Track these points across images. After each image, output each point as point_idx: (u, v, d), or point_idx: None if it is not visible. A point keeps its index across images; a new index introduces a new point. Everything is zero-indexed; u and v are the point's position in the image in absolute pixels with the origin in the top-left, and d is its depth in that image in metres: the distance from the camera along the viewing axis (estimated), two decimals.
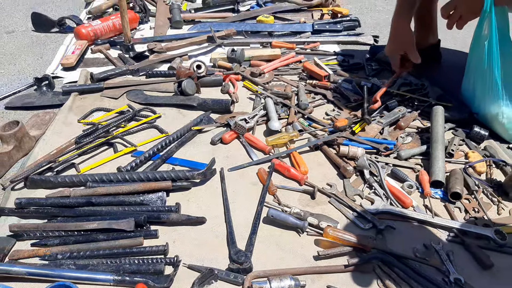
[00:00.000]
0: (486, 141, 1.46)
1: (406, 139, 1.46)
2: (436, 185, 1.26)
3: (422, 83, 1.77)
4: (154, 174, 1.25)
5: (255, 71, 1.84)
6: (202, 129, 1.50)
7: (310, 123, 1.55)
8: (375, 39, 2.19)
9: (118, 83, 1.81)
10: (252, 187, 1.27)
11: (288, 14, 2.47)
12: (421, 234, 1.13)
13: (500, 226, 1.13)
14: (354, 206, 1.19)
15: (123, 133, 1.49)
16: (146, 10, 2.47)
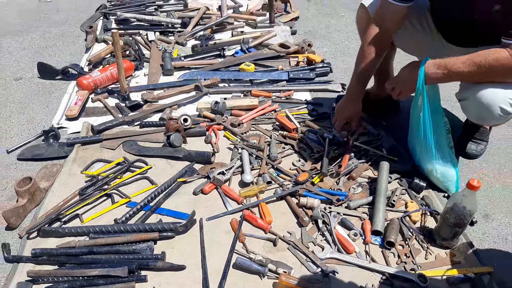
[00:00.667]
0: (425, 191, 1.74)
1: (357, 190, 1.73)
2: (376, 233, 1.53)
3: (378, 132, 2.04)
4: (144, 225, 1.52)
5: (235, 121, 2.12)
6: (186, 180, 1.77)
7: (278, 174, 1.82)
8: (343, 87, 2.47)
9: (115, 134, 2.08)
10: (225, 235, 1.54)
11: (268, 61, 2.75)
12: (360, 277, 1.39)
13: (425, 270, 1.41)
14: (307, 252, 1.46)
15: (119, 184, 1.77)
16: (140, 58, 2.75)
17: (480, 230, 1.60)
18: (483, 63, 1.44)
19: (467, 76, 1.52)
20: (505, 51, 1.41)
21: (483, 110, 1.54)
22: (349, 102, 1.92)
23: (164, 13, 3.51)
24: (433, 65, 1.54)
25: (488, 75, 1.48)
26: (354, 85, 1.90)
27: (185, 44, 3.03)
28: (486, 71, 1.45)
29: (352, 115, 1.91)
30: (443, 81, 1.57)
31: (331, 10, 3.77)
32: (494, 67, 1.43)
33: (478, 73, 1.47)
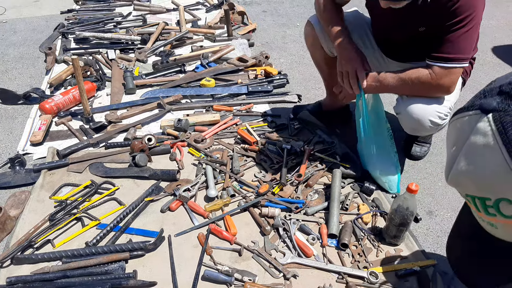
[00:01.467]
0: (375, 193, 1.90)
1: (313, 197, 1.87)
2: (332, 236, 1.67)
3: (332, 140, 2.20)
4: (114, 246, 1.60)
5: (198, 138, 2.22)
6: (153, 199, 1.86)
7: (241, 186, 1.94)
8: (299, 97, 2.61)
9: (81, 157, 2.13)
10: (193, 249, 1.64)
11: (228, 75, 2.86)
12: (318, 278, 1.53)
13: (376, 267, 1.57)
14: (270, 259, 1.59)
15: (88, 207, 1.83)
16: (102, 78, 2.80)
17: (425, 226, 1.77)
18: (407, 80, 1.63)
19: (395, 90, 1.74)
20: (426, 71, 1.60)
21: (415, 123, 1.72)
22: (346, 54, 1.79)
23: (123, 29, 3.56)
24: (370, 78, 1.71)
25: (413, 90, 1.68)
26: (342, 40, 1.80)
27: (146, 61, 3.09)
28: (411, 87, 1.65)
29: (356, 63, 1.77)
30: (378, 92, 1.78)
31: (286, 20, 3.93)
32: (416, 85, 1.63)
33: (404, 87, 1.67)
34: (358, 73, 1.75)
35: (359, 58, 1.75)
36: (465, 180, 0.62)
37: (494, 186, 0.58)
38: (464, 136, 0.60)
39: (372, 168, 1.91)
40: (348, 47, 1.77)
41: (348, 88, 1.81)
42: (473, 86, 2.86)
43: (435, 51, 1.58)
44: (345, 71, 1.78)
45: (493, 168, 0.56)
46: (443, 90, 1.64)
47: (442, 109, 1.69)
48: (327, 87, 2.32)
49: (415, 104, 1.69)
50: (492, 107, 0.58)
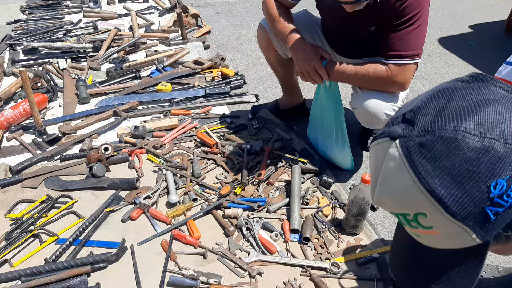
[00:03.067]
0: (334, 185, 1.96)
1: (275, 194, 1.90)
2: (294, 231, 1.71)
3: (290, 138, 2.24)
4: (75, 261, 1.56)
5: (156, 144, 2.20)
6: (113, 209, 1.83)
7: (203, 190, 1.94)
8: (257, 97, 2.64)
9: (35, 172, 2.06)
10: (157, 256, 1.63)
11: (184, 78, 2.85)
12: (282, 273, 1.56)
13: (337, 257, 1.61)
14: (234, 259, 1.60)
15: (45, 223, 1.78)
16: (53, 89, 2.71)
17: (382, 214, 1.84)
18: (365, 74, 1.69)
19: (354, 81, 1.79)
20: (383, 67, 1.67)
21: (371, 117, 1.78)
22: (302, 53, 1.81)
23: (74, 37, 3.46)
24: (331, 67, 1.76)
25: (370, 84, 1.74)
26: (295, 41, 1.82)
27: (99, 68, 3.03)
28: (367, 81, 1.71)
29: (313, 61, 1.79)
30: (338, 81, 1.83)
31: (241, 21, 3.95)
32: (372, 79, 1.69)
33: (362, 80, 1.72)
34: (317, 70, 1.79)
35: (314, 54, 1.78)
36: (385, 200, 0.69)
37: (409, 203, 0.65)
38: (380, 161, 0.67)
39: (324, 149, 2.03)
40: (301, 46, 1.80)
41: (313, 83, 1.86)
42: (422, 77, 3.00)
43: (388, 49, 1.64)
44: (305, 71, 1.82)
45: (405, 188, 0.63)
46: (398, 86, 1.71)
47: (396, 102, 1.76)
48: (283, 87, 2.36)
49: (370, 99, 1.75)
50: (398, 134, 0.64)
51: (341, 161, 2.03)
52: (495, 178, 0.58)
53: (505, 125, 0.59)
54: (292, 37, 1.83)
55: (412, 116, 0.65)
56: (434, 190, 0.60)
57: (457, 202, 0.60)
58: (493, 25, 3.93)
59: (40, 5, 4.14)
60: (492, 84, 0.66)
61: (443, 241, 0.67)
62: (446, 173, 0.60)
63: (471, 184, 0.59)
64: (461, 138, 0.59)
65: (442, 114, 0.62)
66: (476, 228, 0.61)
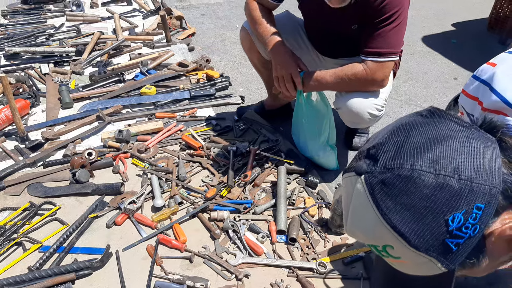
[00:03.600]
0: (320, 185, 1.96)
1: (261, 195, 1.90)
2: (281, 232, 1.71)
3: (277, 139, 2.24)
4: (59, 268, 1.54)
5: (141, 147, 2.18)
6: (98, 215, 1.81)
7: (189, 193, 1.92)
8: (242, 99, 2.64)
9: (18, 179, 2.03)
10: (143, 262, 1.61)
11: (169, 81, 2.83)
12: (269, 275, 1.56)
13: (324, 257, 1.62)
14: (221, 262, 1.59)
15: (29, 231, 1.75)
16: (36, 94, 2.67)
17: None
18: (344, 77, 1.70)
19: (334, 87, 1.79)
20: (361, 66, 1.67)
21: (354, 116, 1.79)
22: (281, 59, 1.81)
23: (56, 41, 3.42)
24: (308, 77, 1.76)
25: (350, 86, 1.74)
26: (274, 44, 1.83)
27: (82, 73, 2.99)
28: (348, 83, 1.71)
29: (291, 68, 1.79)
30: (318, 90, 1.83)
31: (226, 22, 3.94)
32: (352, 80, 1.69)
33: (342, 84, 1.73)
34: (293, 77, 1.79)
35: (293, 61, 1.79)
36: (356, 232, 0.72)
37: (376, 237, 0.68)
38: (349, 194, 0.70)
39: (308, 151, 2.05)
40: (281, 51, 1.80)
41: (285, 91, 1.85)
42: (405, 76, 3.03)
43: (367, 46, 1.65)
44: (281, 76, 1.82)
45: (371, 222, 0.66)
46: (377, 84, 1.72)
47: (379, 101, 1.77)
48: (268, 88, 2.36)
49: (353, 99, 1.75)
50: (363, 170, 0.66)
51: (325, 162, 2.04)
52: (452, 212, 0.61)
53: (459, 161, 0.61)
54: (273, 40, 1.83)
55: (375, 152, 0.67)
56: (396, 226, 0.63)
57: (418, 236, 0.62)
58: (475, 23, 3.99)
59: (22, 9, 4.07)
60: (447, 119, 0.68)
61: (413, 269, 0.70)
62: (406, 209, 0.62)
63: (430, 219, 0.61)
64: (417, 176, 0.61)
65: (401, 152, 0.64)
66: (440, 258, 0.63)
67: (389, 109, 2.58)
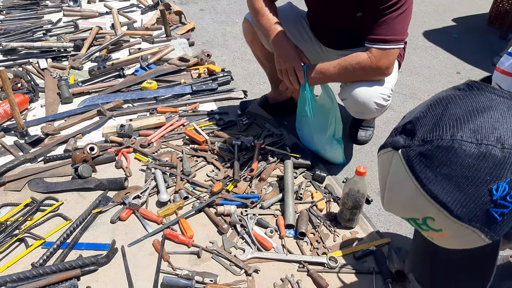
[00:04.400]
0: (327, 179, 1.93)
1: (268, 190, 1.87)
2: (289, 227, 1.68)
3: (281, 133, 2.21)
4: (64, 264, 1.50)
5: (144, 142, 2.14)
6: (101, 210, 1.77)
7: (194, 187, 1.89)
8: (245, 93, 2.60)
9: (18, 174, 1.98)
10: (149, 257, 1.57)
11: (170, 76, 2.79)
12: (279, 270, 1.53)
13: (334, 252, 1.59)
14: (230, 257, 1.56)
15: (31, 226, 1.71)
16: (34, 89, 2.62)
17: (376, 206, 1.83)
18: (348, 67, 1.67)
19: (338, 78, 1.76)
20: (365, 54, 1.65)
21: (360, 107, 1.76)
22: (284, 48, 1.77)
23: (54, 37, 3.36)
24: (311, 70, 1.74)
25: (354, 76, 1.72)
26: (277, 36, 1.78)
27: (81, 68, 2.94)
28: (352, 73, 1.69)
29: (293, 61, 1.76)
30: (322, 83, 1.80)
31: (225, 18, 3.90)
32: (357, 69, 1.67)
33: (346, 75, 1.70)
34: (296, 71, 1.76)
35: (296, 54, 1.76)
36: (394, 207, 0.73)
37: (416, 209, 0.68)
38: (386, 170, 0.71)
39: (314, 145, 2.01)
40: (283, 43, 1.77)
41: (289, 85, 1.82)
42: (409, 70, 3.01)
43: (372, 33, 1.62)
44: (284, 69, 1.79)
45: (410, 195, 0.66)
46: (382, 72, 1.69)
47: (385, 90, 1.74)
48: (271, 81, 2.33)
49: (359, 88, 1.73)
50: (400, 145, 0.68)
51: (332, 156, 2.01)
52: (496, 181, 0.60)
53: (501, 131, 0.61)
54: (275, 32, 1.79)
55: (412, 127, 0.68)
56: (437, 196, 0.63)
57: (461, 206, 0.62)
58: (475, 18, 3.98)
59: (18, 4, 4.01)
60: (487, 91, 0.67)
61: (454, 242, 0.69)
62: (447, 179, 0.62)
63: (473, 188, 0.61)
64: (458, 146, 0.61)
65: (440, 124, 0.64)
66: (484, 228, 0.63)
67: (393, 103, 2.56)
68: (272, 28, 1.79)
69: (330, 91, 1.85)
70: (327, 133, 1.90)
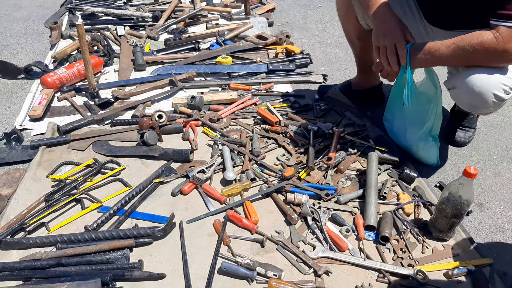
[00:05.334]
0: (416, 181, 1.66)
1: (346, 183, 1.64)
2: (369, 228, 1.44)
3: (364, 123, 1.96)
4: (118, 232, 1.38)
5: (213, 117, 1.99)
6: (163, 181, 1.64)
7: (262, 170, 1.71)
8: (325, 77, 2.38)
9: (84, 134, 1.92)
10: (208, 238, 1.41)
11: (245, 53, 2.63)
12: (355, 276, 1.30)
13: (423, 265, 1.33)
14: (297, 252, 1.36)
15: (90, 188, 1.62)
16: (110, 53, 2.58)
17: (476, 220, 1.53)
18: (466, 47, 1.38)
19: (450, 61, 1.48)
20: (490, 34, 1.35)
21: (475, 98, 1.47)
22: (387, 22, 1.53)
23: (134, 7, 3.35)
24: (417, 50, 1.47)
25: (472, 59, 1.42)
26: (379, 9, 1.55)
27: (157, 38, 2.87)
28: (470, 56, 1.40)
29: (399, 34, 1.51)
30: (427, 66, 1.54)
31: (307, 1, 3.67)
32: (477, 51, 1.37)
33: (462, 57, 1.41)
34: (398, 49, 1.50)
35: (399, 30, 1.50)
36: None
37: None
38: None
39: (405, 140, 1.75)
40: (386, 17, 1.52)
41: (387, 65, 1.56)
42: None
43: (502, 7, 1.32)
44: (382, 46, 1.54)
45: None
46: (509, 57, 1.39)
47: (507, 81, 1.44)
48: (359, 64, 2.08)
49: (476, 75, 1.43)
50: None
51: (425, 156, 1.73)
52: None
53: None
54: (377, 4, 1.54)
55: None
56: None
57: None
58: None
59: None
60: None
61: None
62: None
63: None
64: None
65: None
66: None
67: None
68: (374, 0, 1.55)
69: (435, 77, 1.57)
70: (424, 127, 1.63)
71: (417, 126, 1.65)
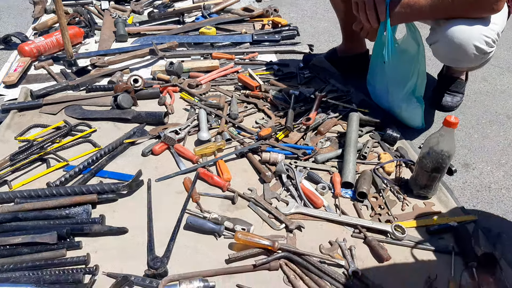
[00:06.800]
0: (399, 142, 1.59)
1: (325, 144, 1.57)
2: (347, 186, 1.36)
3: (347, 89, 1.88)
4: (81, 188, 1.31)
5: (192, 83, 1.92)
6: (135, 141, 1.57)
7: (239, 132, 1.64)
8: (311, 48, 2.30)
9: (57, 99, 1.85)
10: (177, 195, 1.34)
11: (231, 25, 2.55)
12: (329, 232, 1.23)
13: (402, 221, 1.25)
14: (269, 208, 1.29)
15: (57, 149, 1.55)
16: (91, 24, 2.51)
17: (461, 179, 1.46)
18: None
19: (430, 13, 1.41)
20: None
21: (456, 50, 1.40)
22: None
23: None
24: (396, 4, 1.41)
25: (453, 9, 1.35)
26: None
27: (142, 12, 2.80)
28: (449, 5, 1.34)
29: None
30: (408, 21, 1.47)
31: None
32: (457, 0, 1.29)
33: (442, 8, 1.35)
34: (376, 3, 1.43)
35: None
36: None
37: None
38: None
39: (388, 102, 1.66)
40: None
41: (366, 22, 1.49)
42: (507, 44, 2.53)
43: None
44: (361, 1, 1.46)
45: None
46: (490, 7, 1.31)
47: (489, 32, 1.37)
48: (344, 29, 2.01)
49: (457, 26, 1.36)
50: None
51: (409, 117, 1.65)
52: None
53: None
54: None
55: None
56: None
57: None
58: None
59: None
60: None
61: None
62: None
63: None
64: None
65: None
66: None
67: (488, 74, 2.13)
68: None
69: (417, 33, 1.49)
70: (406, 86, 1.55)
71: (399, 86, 1.57)
